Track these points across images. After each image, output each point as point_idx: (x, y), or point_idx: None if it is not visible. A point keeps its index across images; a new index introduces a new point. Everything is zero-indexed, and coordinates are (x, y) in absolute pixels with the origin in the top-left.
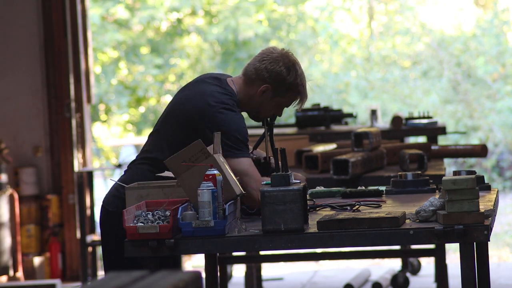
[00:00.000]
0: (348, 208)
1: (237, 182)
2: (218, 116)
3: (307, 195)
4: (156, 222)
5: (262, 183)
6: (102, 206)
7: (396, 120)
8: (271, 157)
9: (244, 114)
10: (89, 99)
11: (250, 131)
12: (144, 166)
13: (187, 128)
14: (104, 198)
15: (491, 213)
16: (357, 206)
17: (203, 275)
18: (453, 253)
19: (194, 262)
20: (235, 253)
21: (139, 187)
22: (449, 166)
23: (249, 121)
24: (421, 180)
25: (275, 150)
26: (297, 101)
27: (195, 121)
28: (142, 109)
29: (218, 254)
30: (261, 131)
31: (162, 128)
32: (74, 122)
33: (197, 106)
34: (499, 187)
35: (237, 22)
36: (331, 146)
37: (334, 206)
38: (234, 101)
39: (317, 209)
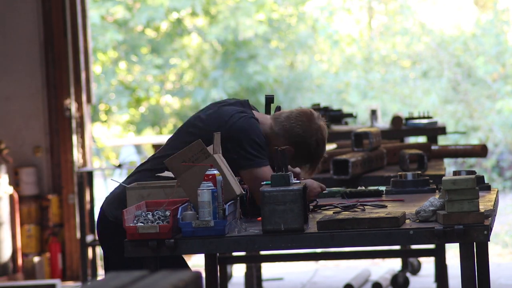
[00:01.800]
0: (352, 207)
1: (237, 182)
2: (236, 123)
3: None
4: (156, 222)
5: (263, 183)
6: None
7: (396, 120)
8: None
9: None
10: (89, 99)
11: None
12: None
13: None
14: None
15: (491, 213)
16: (361, 207)
17: (203, 275)
18: (453, 253)
19: (194, 262)
20: (235, 253)
21: (139, 187)
22: (449, 166)
23: None
24: (421, 180)
25: (275, 150)
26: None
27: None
28: (142, 109)
29: (218, 254)
30: None
31: (178, 142)
32: (74, 122)
33: (217, 122)
34: (499, 187)
35: (237, 22)
36: (331, 146)
37: (338, 206)
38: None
39: (321, 208)
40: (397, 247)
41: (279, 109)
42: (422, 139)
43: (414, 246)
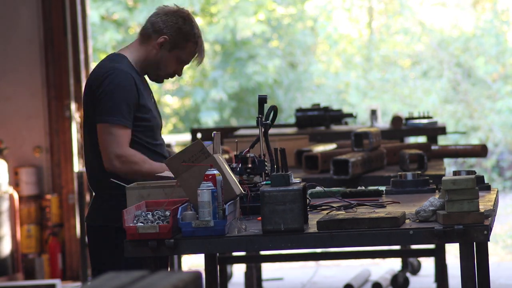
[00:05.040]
0: (352, 207)
1: (237, 182)
2: (104, 81)
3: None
4: (156, 222)
5: (263, 183)
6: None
7: (396, 120)
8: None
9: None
10: None
11: (245, 131)
12: None
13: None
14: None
15: (491, 213)
16: (358, 207)
17: (203, 275)
18: (453, 253)
19: (194, 262)
20: (235, 253)
21: (139, 187)
22: (449, 166)
23: (247, 122)
24: (421, 180)
25: (275, 150)
26: (196, 55)
27: (89, 95)
28: None
29: (218, 254)
30: (256, 131)
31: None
32: (74, 122)
33: (88, 83)
34: (499, 187)
35: (235, 22)
36: (331, 146)
37: (336, 206)
38: (122, 63)
39: (317, 208)
40: (397, 247)
41: (275, 109)
42: (422, 139)
43: (414, 246)
